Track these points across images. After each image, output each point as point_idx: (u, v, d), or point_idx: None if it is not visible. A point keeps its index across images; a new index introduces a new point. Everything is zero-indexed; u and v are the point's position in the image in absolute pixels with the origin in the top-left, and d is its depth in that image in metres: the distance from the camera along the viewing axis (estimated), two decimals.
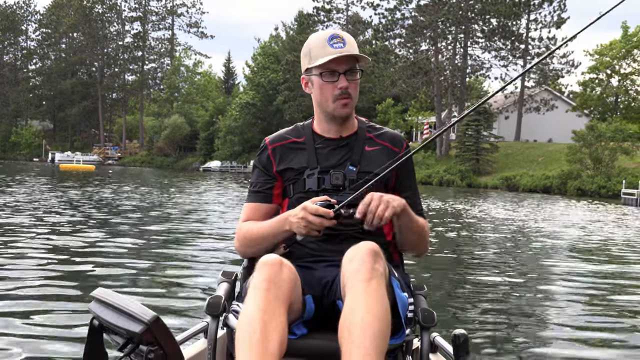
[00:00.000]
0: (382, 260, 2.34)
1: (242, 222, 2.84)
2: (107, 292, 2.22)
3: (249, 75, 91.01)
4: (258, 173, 2.89)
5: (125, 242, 11.20)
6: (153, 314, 2.03)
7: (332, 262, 2.57)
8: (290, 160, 2.82)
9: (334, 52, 2.65)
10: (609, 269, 10.86)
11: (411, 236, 2.75)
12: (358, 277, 2.25)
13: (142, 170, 73.10)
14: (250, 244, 2.77)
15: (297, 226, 2.51)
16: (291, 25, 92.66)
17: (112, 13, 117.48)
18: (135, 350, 2.09)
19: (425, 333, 2.59)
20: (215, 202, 23.89)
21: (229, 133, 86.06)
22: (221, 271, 2.91)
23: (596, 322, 6.86)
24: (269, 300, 2.21)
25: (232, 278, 2.88)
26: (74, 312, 5.99)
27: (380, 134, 2.87)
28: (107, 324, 2.14)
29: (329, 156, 2.78)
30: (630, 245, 14.91)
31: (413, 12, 70.29)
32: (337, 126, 2.80)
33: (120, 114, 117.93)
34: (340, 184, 2.70)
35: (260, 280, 2.27)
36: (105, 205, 19.55)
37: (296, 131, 2.92)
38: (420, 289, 2.80)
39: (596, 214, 26.51)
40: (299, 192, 2.75)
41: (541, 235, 16.26)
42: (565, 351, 5.61)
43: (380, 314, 2.18)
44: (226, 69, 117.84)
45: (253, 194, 2.87)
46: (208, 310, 2.58)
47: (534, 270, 10.53)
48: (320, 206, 2.47)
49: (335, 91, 2.68)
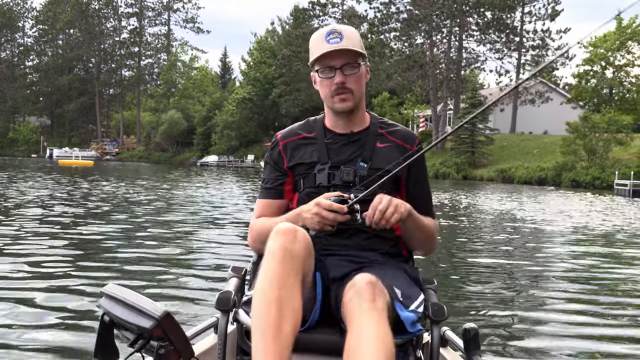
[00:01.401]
0: (382, 290, 2.30)
1: (255, 219, 2.85)
2: (117, 288, 2.22)
3: (245, 70, 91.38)
4: (270, 169, 2.87)
5: (134, 237, 11.20)
6: (163, 310, 2.04)
7: (342, 257, 2.60)
8: (301, 155, 2.80)
9: (328, 47, 2.64)
10: (612, 260, 10.79)
11: (417, 237, 2.75)
12: (360, 310, 2.23)
13: (140, 166, 73.04)
14: (264, 240, 2.63)
15: (311, 222, 2.51)
16: (287, 20, 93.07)
17: (109, 9, 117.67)
18: (146, 346, 2.10)
19: (435, 327, 2.57)
20: (224, 197, 23.87)
21: (226, 128, 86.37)
22: (231, 266, 2.92)
23: (607, 314, 6.73)
24: (284, 273, 2.21)
25: (242, 273, 2.87)
26: (85, 307, 5.97)
27: (392, 131, 2.85)
28: (118, 320, 2.15)
29: (340, 151, 2.77)
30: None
31: (408, 6, 70.63)
32: (344, 121, 2.79)
33: (118, 110, 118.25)
34: (350, 180, 2.69)
35: (275, 248, 2.27)
36: (113, 200, 19.74)
37: (307, 126, 2.90)
38: (430, 283, 2.77)
39: (591, 205, 26.80)
40: (309, 187, 2.75)
41: (546, 227, 16.37)
42: (576, 343, 5.56)
43: (382, 346, 2.14)
44: (222, 64, 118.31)
45: (265, 190, 2.86)
46: (218, 306, 2.57)
47: (543, 261, 10.34)
48: (334, 202, 2.47)
49: (332, 87, 2.68)
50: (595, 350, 5.43)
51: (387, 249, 2.71)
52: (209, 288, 7.10)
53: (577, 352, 5.30)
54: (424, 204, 2.80)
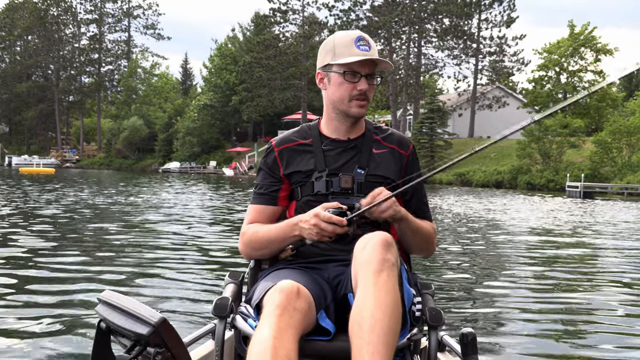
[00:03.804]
0: (394, 250, 2.32)
1: (247, 225, 2.81)
2: (114, 294, 2.22)
3: (207, 76, 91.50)
4: (264, 175, 2.84)
5: (131, 243, 11.15)
6: (160, 316, 2.03)
7: (342, 262, 2.59)
8: (297, 163, 2.78)
9: (361, 53, 2.64)
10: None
11: (415, 240, 2.76)
12: (369, 268, 2.24)
13: (101, 173, 72.19)
14: (257, 247, 2.74)
15: (309, 232, 2.51)
16: (248, 27, 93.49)
17: (68, 15, 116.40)
18: (143, 353, 2.10)
19: (433, 332, 2.58)
20: (218, 203, 24.08)
21: (188, 134, 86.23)
22: (228, 272, 2.90)
23: (607, 322, 6.57)
24: (281, 327, 2.17)
25: (239, 279, 2.85)
26: (81, 314, 5.95)
27: (387, 136, 2.86)
28: (115, 327, 2.14)
29: (337, 158, 2.76)
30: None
31: (367, 13, 71.72)
32: (347, 126, 2.79)
33: (78, 117, 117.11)
34: (349, 188, 2.69)
35: (274, 307, 2.23)
36: (100, 207, 19.68)
37: (302, 133, 2.87)
38: (428, 288, 2.78)
39: (548, 206, 27.70)
40: (307, 195, 2.74)
41: (518, 229, 16.64)
42: (574, 349, 5.49)
43: (390, 309, 2.17)
44: (183, 70, 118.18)
45: (259, 195, 2.83)
46: (215, 312, 2.56)
47: (529, 264, 10.35)
48: (333, 214, 2.46)
49: (353, 91, 2.67)
50: (599, 357, 5.31)
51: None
52: (206, 294, 7.06)
53: (575, 357, 5.26)
54: (421, 208, 2.85)
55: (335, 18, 72.88)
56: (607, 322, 6.47)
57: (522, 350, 5.34)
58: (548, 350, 5.39)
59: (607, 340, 5.75)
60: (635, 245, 13.57)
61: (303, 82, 76.44)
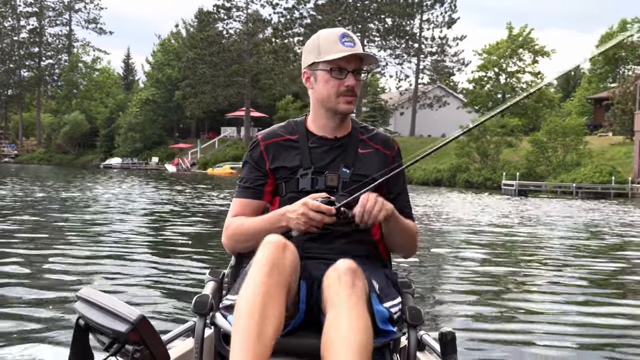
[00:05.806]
0: (361, 277, 2.33)
1: (231, 217, 2.78)
2: (92, 291, 2.20)
3: (149, 71, 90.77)
4: (249, 169, 2.81)
5: (109, 240, 11.08)
6: (139, 314, 2.03)
7: (323, 260, 2.57)
8: (283, 158, 2.76)
9: (346, 49, 2.64)
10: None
11: (399, 239, 2.75)
12: (339, 295, 2.25)
13: (40, 168, 70.88)
14: (241, 239, 2.71)
15: (296, 222, 2.49)
16: (192, 23, 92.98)
17: (7, 8, 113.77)
18: (121, 350, 2.09)
19: (412, 331, 2.59)
20: (195, 199, 23.93)
21: (130, 130, 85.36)
22: (208, 270, 2.88)
23: (583, 313, 6.81)
24: (271, 284, 2.20)
25: (220, 277, 2.83)
26: (59, 312, 5.86)
27: (372, 136, 2.86)
28: (93, 324, 2.13)
29: (323, 156, 2.74)
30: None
31: (311, 12, 72.27)
32: (335, 124, 2.78)
33: (16, 111, 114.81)
34: (334, 186, 2.68)
35: (264, 262, 2.26)
36: (76, 204, 19.50)
37: (289, 128, 2.85)
38: (408, 287, 2.77)
39: (485, 202, 28.50)
40: (292, 192, 2.71)
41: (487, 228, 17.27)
42: (552, 347, 5.57)
43: (361, 327, 2.18)
44: (126, 65, 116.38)
45: (244, 189, 2.80)
46: (195, 309, 2.55)
47: (514, 262, 10.59)
48: (321, 203, 2.46)
49: (341, 88, 2.66)
50: (576, 356, 5.44)
51: (366, 252, 2.72)
52: (186, 292, 6.99)
53: (555, 356, 5.35)
54: (404, 207, 2.83)
55: (279, 16, 73.42)
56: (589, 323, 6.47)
57: (501, 349, 5.44)
58: (529, 349, 5.51)
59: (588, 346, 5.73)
60: (551, 234, 14.36)
61: (246, 79, 76.44)
